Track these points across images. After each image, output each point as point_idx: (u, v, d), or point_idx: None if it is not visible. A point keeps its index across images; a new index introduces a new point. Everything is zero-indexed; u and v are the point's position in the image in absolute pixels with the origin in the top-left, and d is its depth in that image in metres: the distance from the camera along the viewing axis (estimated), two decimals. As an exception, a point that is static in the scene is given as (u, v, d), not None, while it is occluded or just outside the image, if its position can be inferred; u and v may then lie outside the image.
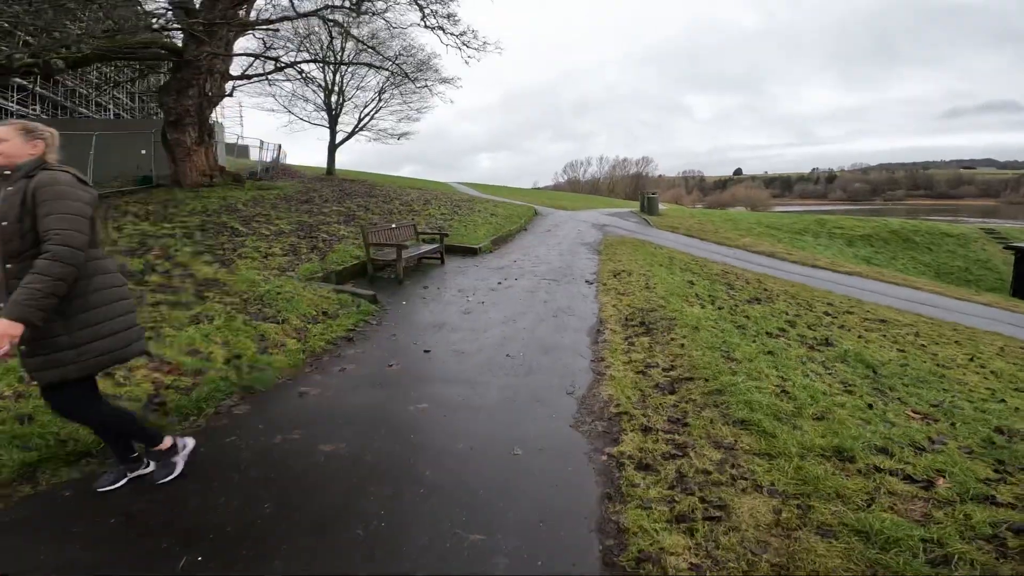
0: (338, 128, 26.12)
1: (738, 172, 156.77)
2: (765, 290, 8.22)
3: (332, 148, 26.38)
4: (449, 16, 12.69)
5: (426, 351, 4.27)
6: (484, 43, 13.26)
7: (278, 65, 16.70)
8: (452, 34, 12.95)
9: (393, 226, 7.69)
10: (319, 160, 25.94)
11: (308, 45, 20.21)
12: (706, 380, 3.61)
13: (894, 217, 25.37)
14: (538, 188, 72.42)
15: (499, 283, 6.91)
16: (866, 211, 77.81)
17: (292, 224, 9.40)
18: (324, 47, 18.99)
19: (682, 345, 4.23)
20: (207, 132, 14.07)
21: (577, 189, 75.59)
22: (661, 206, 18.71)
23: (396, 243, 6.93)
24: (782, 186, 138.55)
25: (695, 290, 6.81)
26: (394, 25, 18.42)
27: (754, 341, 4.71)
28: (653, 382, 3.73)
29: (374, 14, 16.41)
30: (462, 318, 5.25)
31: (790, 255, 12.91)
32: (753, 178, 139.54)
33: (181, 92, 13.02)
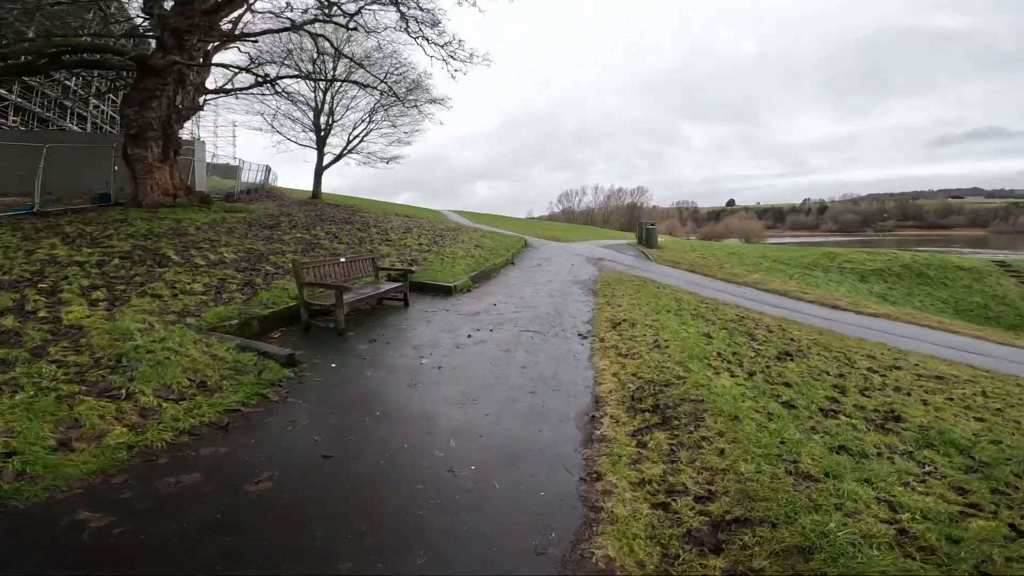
0: (326, 150, 25.32)
1: (731, 203, 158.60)
2: (792, 340, 6.86)
3: (319, 170, 25.49)
4: (434, 24, 11.75)
5: (326, 456, 2.83)
6: (471, 55, 12.34)
7: (258, 79, 15.82)
8: (436, 44, 12.01)
9: (342, 260, 6.27)
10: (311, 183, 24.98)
11: (293, 60, 19.38)
12: (773, 525, 2.23)
13: (887, 248, 24.39)
14: (533, 218, 72.00)
15: (469, 336, 5.52)
16: (857, 242, 77.72)
17: (239, 253, 8.09)
18: (312, 63, 18.17)
19: (721, 451, 2.83)
20: (174, 148, 13.05)
21: (572, 219, 75.28)
22: (659, 238, 17.58)
23: (336, 284, 5.52)
24: (774, 217, 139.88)
25: (715, 346, 5.43)
26: (383, 41, 17.70)
27: (813, 430, 3.32)
28: (682, 527, 2.32)
29: (368, 32, 15.65)
30: (404, 395, 3.83)
31: (805, 294, 11.63)
32: (746, 209, 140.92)
33: (144, 103, 12.04)
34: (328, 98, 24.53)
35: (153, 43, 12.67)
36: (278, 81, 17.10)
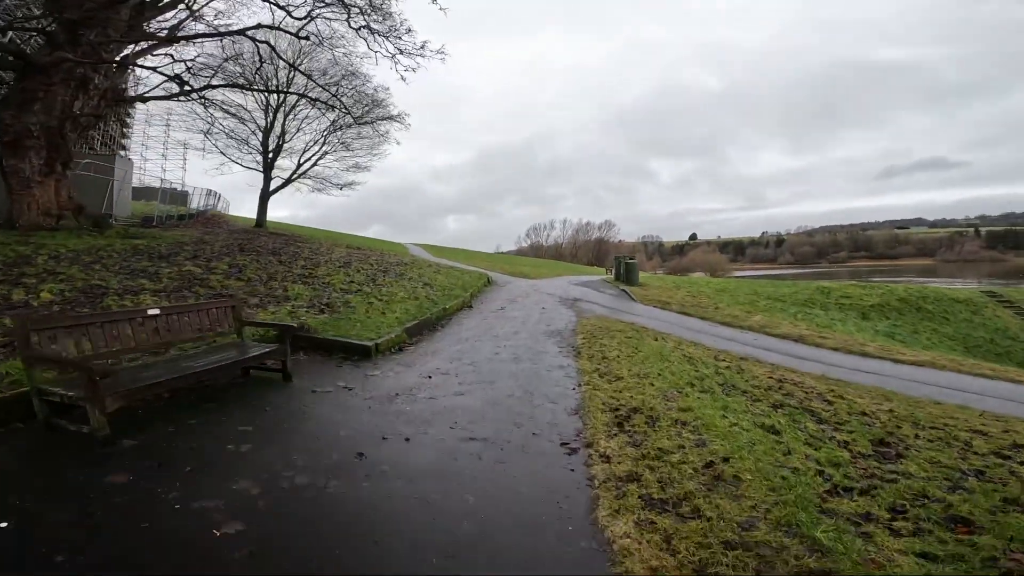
0: (275, 174, 22.81)
1: (693, 237, 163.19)
2: (867, 416, 4.66)
3: (264, 196, 22.89)
4: (374, 9, 9.67)
5: None
6: (422, 45, 10.27)
7: (183, 88, 13.39)
8: (379, 33, 9.90)
9: (152, 312, 3.66)
10: (283, 215, 22.40)
11: (233, 71, 16.94)
12: None
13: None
14: (500, 252, 70.33)
15: (359, 457, 2.98)
16: (812, 274, 79.87)
17: (73, 290, 5.39)
18: (255, 74, 15.87)
19: None
20: (63, 160, 10.41)
21: (540, 254, 74.06)
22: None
23: (83, 364, 2.89)
24: (735, 250, 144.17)
25: (795, 454, 3.11)
26: (339, 54, 15.71)
27: None
28: None
29: (321, 41, 13.61)
30: None
31: (824, 339, 9.68)
32: (708, 243, 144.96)
33: (23, 106, 9.65)
34: (281, 117, 22.31)
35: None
36: (205, 91, 14.62)
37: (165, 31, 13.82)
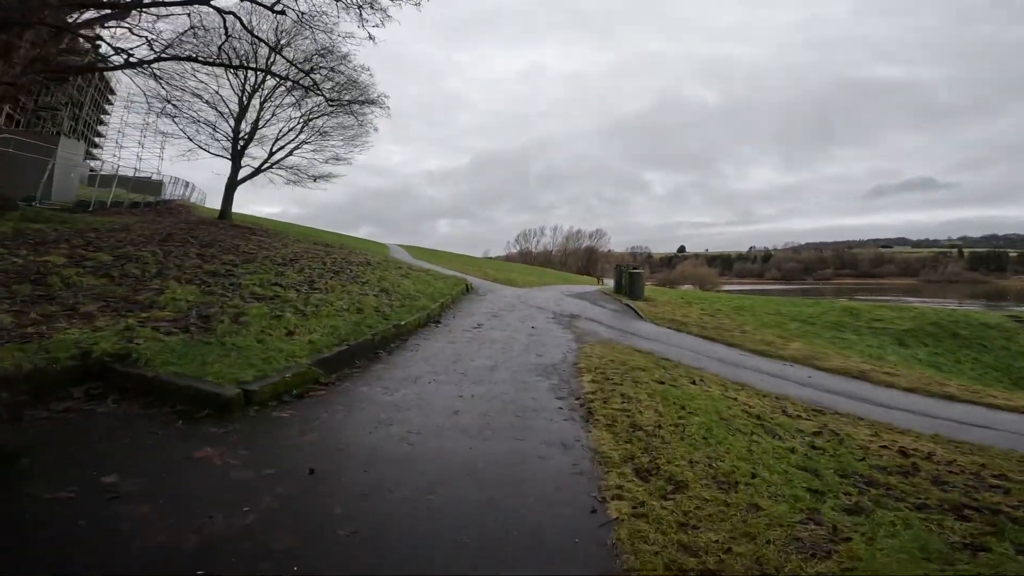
0: (245, 163, 20.36)
1: (682, 250, 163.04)
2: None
3: (231, 185, 20.37)
4: None
5: None
6: None
7: (129, 60, 11.25)
8: None
9: None
10: (273, 211, 20.11)
11: (188, 44, 14.44)
12: None
13: (836, 298, 21.82)
14: (489, 257, 68.05)
15: None
16: (798, 291, 79.37)
17: None
18: (218, 48, 13.48)
19: None
20: None
21: (529, 260, 71.94)
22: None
23: None
24: (723, 264, 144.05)
25: None
26: (318, 29, 13.52)
27: None
28: None
29: (300, 17, 11.42)
30: None
31: (890, 376, 7.63)
32: (696, 255, 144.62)
33: None
34: (257, 103, 19.91)
35: None
36: (157, 64, 12.32)
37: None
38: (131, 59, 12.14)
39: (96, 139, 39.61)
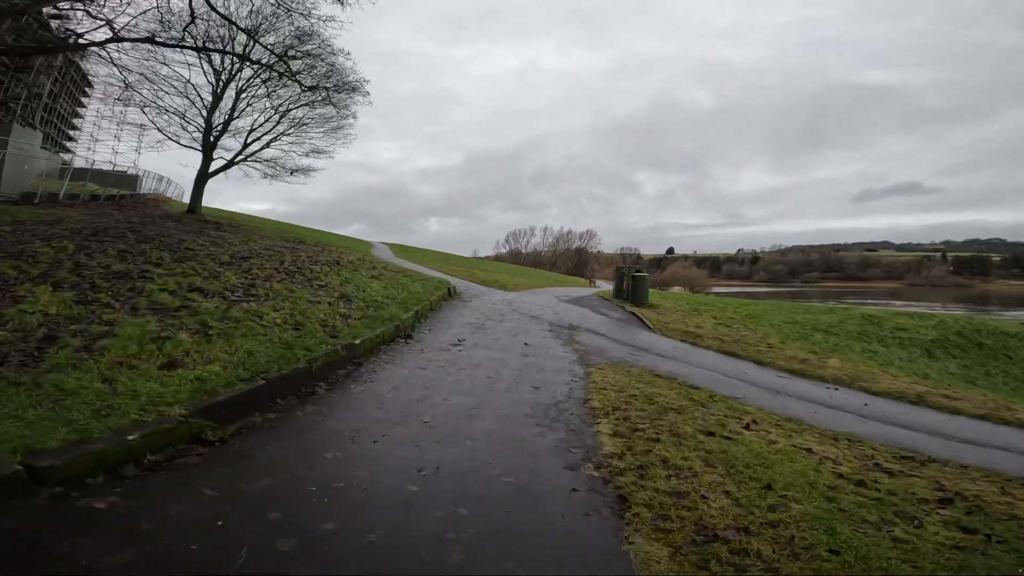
0: (217, 155, 18.76)
1: (671, 251, 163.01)
2: None
3: (201, 178, 18.74)
4: None
5: None
6: None
7: (78, 40, 9.88)
8: None
9: None
10: (262, 208, 18.49)
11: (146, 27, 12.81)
12: None
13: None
14: (478, 257, 66.49)
15: None
16: (786, 294, 79.07)
17: None
18: (182, 30, 11.86)
19: None
20: None
21: (519, 260, 70.56)
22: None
23: None
24: (711, 266, 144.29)
25: None
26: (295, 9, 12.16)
27: None
28: None
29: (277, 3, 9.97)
30: None
31: (950, 399, 6.40)
32: (685, 257, 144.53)
33: None
34: (232, 93, 18.29)
35: None
36: (108, 46, 10.91)
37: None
38: (80, 40, 10.62)
39: (71, 132, 37.64)
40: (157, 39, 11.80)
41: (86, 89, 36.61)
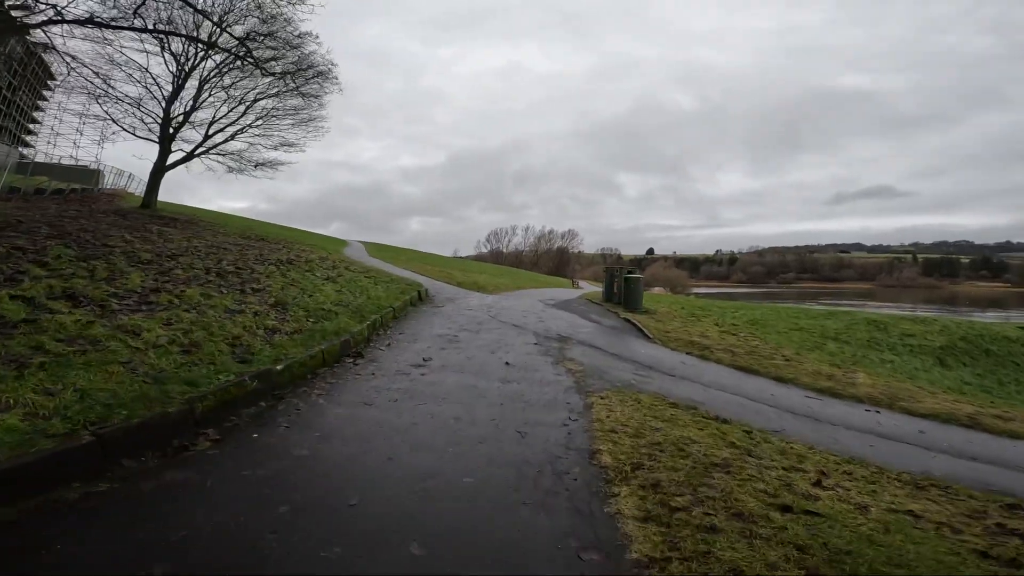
0: (175, 148, 17.18)
1: (650, 251, 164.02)
2: None
3: (157, 172, 17.15)
4: None
5: None
6: None
7: (15, 22, 8.36)
8: None
9: None
10: (241, 206, 16.82)
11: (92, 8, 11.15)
12: None
13: (795, 303, 20.42)
14: (458, 257, 64.97)
15: None
16: (763, 294, 79.77)
17: None
18: (131, 12, 10.28)
19: None
20: None
21: (500, 260, 69.29)
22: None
23: None
24: (690, 267, 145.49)
25: None
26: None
27: None
28: None
29: None
30: None
31: (1007, 422, 5.47)
32: (665, 258, 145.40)
33: None
34: (195, 84, 16.65)
35: None
36: (48, 27, 9.48)
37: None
38: (20, 21, 9.15)
39: (31, 126, 35.13)
40: (97, 19, 10.23)
41: (48, 82, 34.08)
